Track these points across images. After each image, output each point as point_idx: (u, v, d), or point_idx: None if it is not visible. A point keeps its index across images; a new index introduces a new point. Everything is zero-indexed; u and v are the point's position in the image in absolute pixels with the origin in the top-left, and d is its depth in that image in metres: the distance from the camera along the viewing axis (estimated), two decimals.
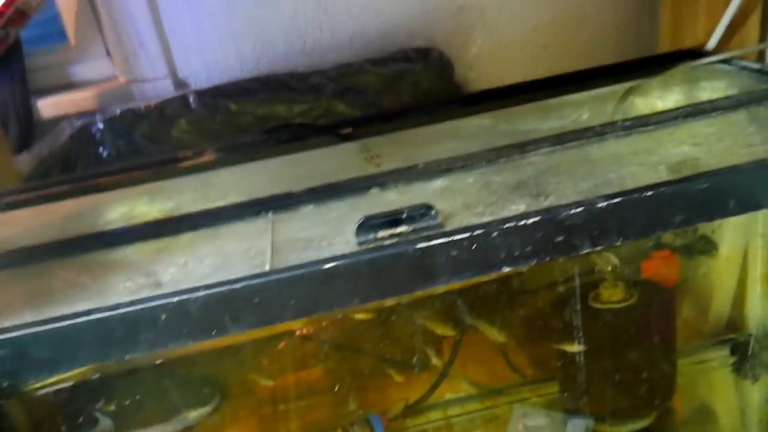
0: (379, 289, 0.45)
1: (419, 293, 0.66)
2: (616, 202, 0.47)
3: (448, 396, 0.76)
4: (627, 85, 0.75)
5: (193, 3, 0.94)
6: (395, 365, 0.75)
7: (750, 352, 0.75)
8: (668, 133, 0.59)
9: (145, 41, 0.94)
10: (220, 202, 0.58)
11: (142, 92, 0.95)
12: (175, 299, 0.42)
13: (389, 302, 0.71)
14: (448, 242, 0.45)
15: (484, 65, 1.01)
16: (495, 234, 0.45)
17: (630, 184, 0.49)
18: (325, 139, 0.73)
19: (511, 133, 0.66)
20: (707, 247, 0.78)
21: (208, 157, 0.73)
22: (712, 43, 0.83)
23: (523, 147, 0.60)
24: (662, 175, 0.51)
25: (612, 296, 0.69)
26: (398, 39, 0.96)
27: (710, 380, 0.78)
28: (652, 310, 0.70)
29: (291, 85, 0.87)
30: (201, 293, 0.42)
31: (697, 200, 0.48)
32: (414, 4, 0.97)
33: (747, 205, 0.49)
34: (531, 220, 0.46)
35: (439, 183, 0.56)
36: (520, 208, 0.49)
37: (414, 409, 0.76)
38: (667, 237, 0.81)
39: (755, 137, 0.56)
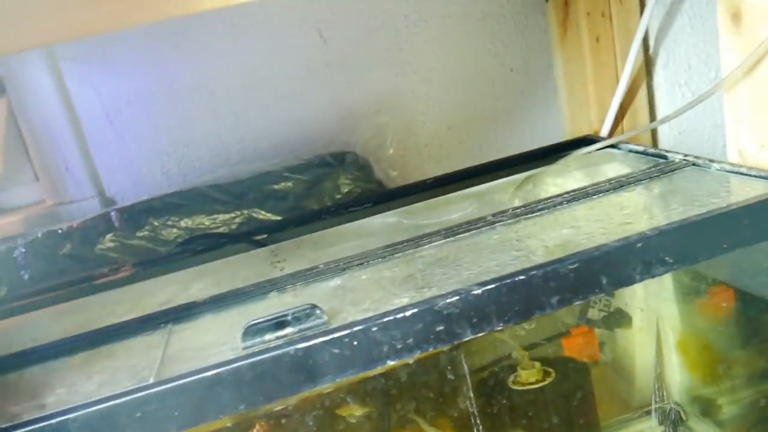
0: (264, 393, 0.46)
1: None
2: (491, 288, 0.49)
3: None
4: (526, 174, 0.79)
5: (118, 125, 0.98)
6: None
7: (677, 420, 0.76)
8: (552, 218, 0.63)
9: (71, 164, 0.96)
10: (125, 317, 0.59)
11: (69, 214, 0.96)
12: (54, 420, 0.42)
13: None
14: (329, 340, 0.46)
15: (404, 163, 1.05)
16: (375, 329, 0.47)
17: (510, 270, 0.52)
18: (239, 247, 0.75)
19: (412, 228, 0.69)
20: (623, 319, 0.80)
21: (123, 273, 0.74)
22: (605, 129, 0.89)
23: (417, 241, 0.62)
24: (539, 258, 0.53)
25: (530, 377, 0.70)
26: (318, 145, 1.01)
27: None
28: (571, 386, 0.70)
29: (212, 196, 0.90)
30: (80, 412, 0.43)
31: (570, 280, 0.50)
32: (332, 112, 1.03)
33: (619, 281, 0.52)
34: (410, 312, 0.47)
35: (334, 282, 0.58)
36: (404, 301, 0.50)
37: None
38: (591, 312, 0.83)
39: (630, 216, 0.60)
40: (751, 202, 0.53)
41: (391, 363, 0.47)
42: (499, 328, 0.49)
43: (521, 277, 0.49)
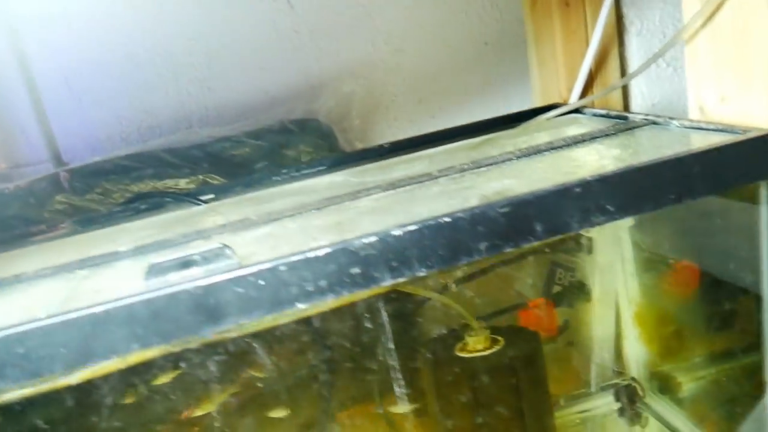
0: (159, 333, 0.42)
1: None
2: (413, 231, 0.45)
3: None
4: (484, 137, 0.76)
5: (76, 89, 0.95)
6: None
7: (634, 396, 0.73)
8: (499, 172, 0.59)
9: (26, 128, 0.94)
10: (43, 266, 0.56)
11: (23, 177, 0.93)
12: None
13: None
14: (232, 279, 0.43)
15: (372, 136, 1.02)
16: (283, 268, 0.44)
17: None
18: (182, 205, 0.73)
19: (356, 185, 0.66)
20: (583, 292, 0.77)
21: (62, 229, 0.71)
22: (573, 97, 0.86)
23: (355, 194, 0.59)
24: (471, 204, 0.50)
25: (477, 345, 0.67)
26: (282, 113, 0.98)
27: (600, 429, 0.74)
28: (519, 354, 0.67)
29: (167, 159, 0.87)
30: None
31: (500, 225, 0.47)
32: (299, 81, 1.00)
33: (554, 227, 0.48)
34: (322, 252, 0.44)
35: (261, 231, 0.55)
36: (322, 244, 0.47)
37: None
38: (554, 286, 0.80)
39: (578, 168, 0.56)
40: (699, 150, 0.50)
41: (301, 306, 0.44)
42: (422, 273, 0.46)
43: (446, 220, 0.46)
